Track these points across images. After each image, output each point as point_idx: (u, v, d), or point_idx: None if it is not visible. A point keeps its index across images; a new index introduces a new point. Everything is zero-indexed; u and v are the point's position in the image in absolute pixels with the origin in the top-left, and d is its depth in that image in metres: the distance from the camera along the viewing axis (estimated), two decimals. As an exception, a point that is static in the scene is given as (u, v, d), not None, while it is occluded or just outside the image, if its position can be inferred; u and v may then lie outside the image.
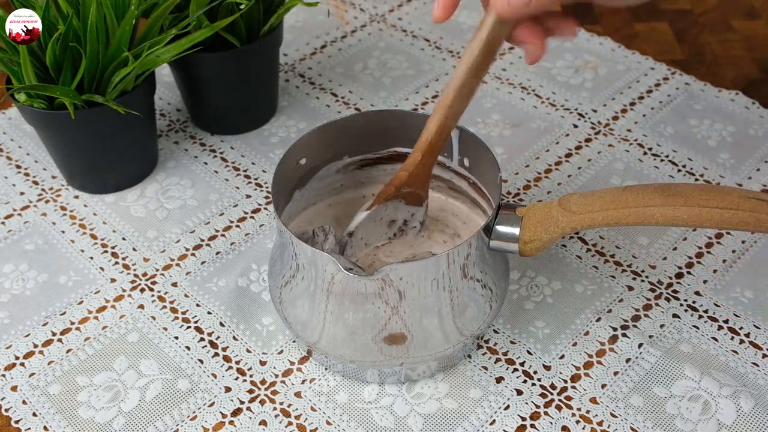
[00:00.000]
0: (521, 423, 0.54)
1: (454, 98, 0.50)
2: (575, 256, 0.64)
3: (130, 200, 0.70)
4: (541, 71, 0.83)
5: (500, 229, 0.51)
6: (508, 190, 0.71)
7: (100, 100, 0.62)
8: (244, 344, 0.59)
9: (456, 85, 0.50)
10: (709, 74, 0.82)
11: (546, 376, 0.57)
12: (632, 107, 0.78)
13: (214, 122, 0.76)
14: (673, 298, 0.61)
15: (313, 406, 0.55)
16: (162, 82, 0.83)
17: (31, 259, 0.65)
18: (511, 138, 0.75)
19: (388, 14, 0.92)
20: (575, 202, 0.49)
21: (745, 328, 0.59)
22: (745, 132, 0.75)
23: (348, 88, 0.82)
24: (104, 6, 0.61)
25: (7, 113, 0.80)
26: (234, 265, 0.65)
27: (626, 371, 0.57)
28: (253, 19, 0.70)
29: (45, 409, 0.55)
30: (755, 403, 0.54)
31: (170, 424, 0.54)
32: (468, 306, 0.53)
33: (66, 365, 0.58)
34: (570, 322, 0.60)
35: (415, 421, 0.54)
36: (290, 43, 0.88)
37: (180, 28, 0.65)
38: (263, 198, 0.70)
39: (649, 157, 0.73)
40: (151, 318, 0.61)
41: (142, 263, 0.65)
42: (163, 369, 0.58)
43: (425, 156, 0.53)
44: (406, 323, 0.51)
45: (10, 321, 0.61)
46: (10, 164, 0.74)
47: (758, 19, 0.90)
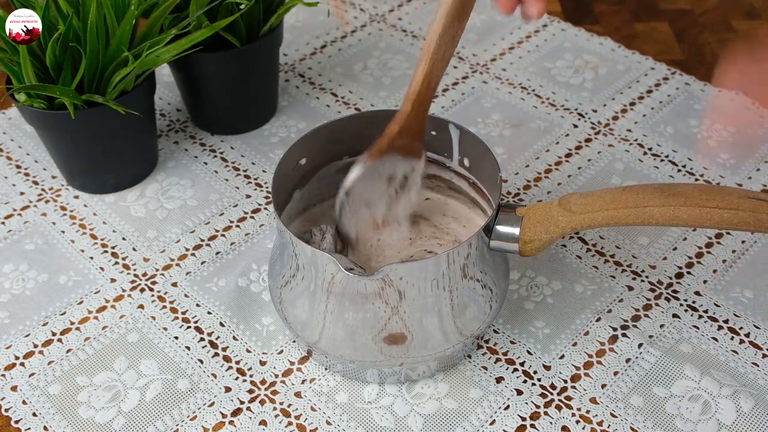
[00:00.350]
0: (521, 423, 0.54)
1: (437, 44, 0.49)
2: (575, 256, 0.64)
3: (130, 200, 0.70)
4: (541, 71, 0.83)
5: (500, 229, 0.51)
6: (508, 190, 0.71)
7: (100, 100, 0.62)
8: (244, 344, 0.59)
9: (438, 31, 0.49)
10: (709, 74, 0.82)
11: (546, 376, 0.57)
12: (632, 107, 0.78)
13: (214, 122, 0.76)
14: (673, 298, 0.61)
15: (313, 406, 0.55)
16: (162, 82, 0.83)
17: (31, 259, 0.65)
18: (511, 138, 0.75)
19: (388, 14, 0.92)
20: (575, 202, 0.49)
21: (745, 328, 0.59)
22: (744, 132, 0.75)
23: (348, 88, 0.82)
24: (104, 6, 0.61)
25: (7, 113, 0.80)
26: (234, 265, 0.65)
27: (626, 371, 0.57)
28: (253, 19, 0.70)
29: (45, 409, 0.55)
30: (755, 403, 0.54)
31: (170, 424, 0.54)
32: (468, 306, 0.53)
33: (66, 365, 0.58)
34: (570, 322, 0.60)
35: (415, 421, 0.54)
36: (290, 43, 0.88)
37: (180, 28, 0.65)
38: (263, 198, 0.70)
39: (649, 157, 0.73)
40: (151, 318, 0.61)
41: (142, 263, 0.65)
42: (163, 369, 0.58)
43: (415, 106, 0.52)
44: (406, 323, 0.51)
45: (10, 321, 0.61)
46: (10, 164, 0.74)
47: (758, 19, 0.90)
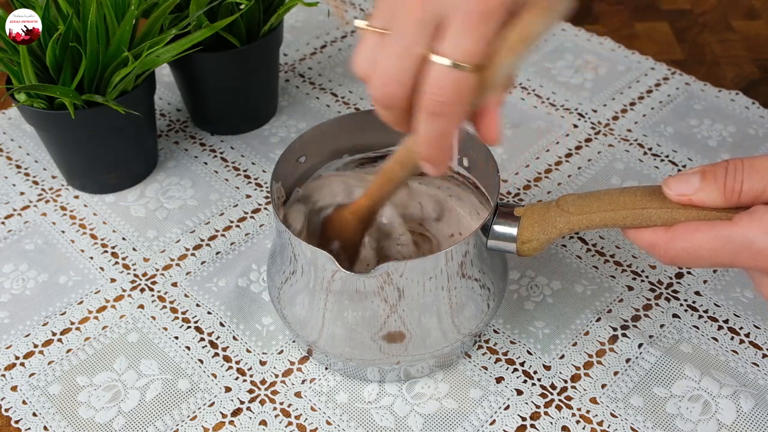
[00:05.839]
0: (521, 423, 0.54)
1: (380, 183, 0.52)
2: (575, 256, 0.64)
3: (130, 200, 0.70)
4: (541, 71, 0.82)
5: (498, 229, 0.51)
6: (508, 190, 0.71)
7: (100, 100, 0.62)
8: (244, 344, 0.59)
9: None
10: (709, 74, 0.82)
11: (546, 376, 0.57)
12: (632, 107, 0.78)
13: (214, 122, 0.76)
14: (673, 298, 0.61)
15: (313, 406, 0.55)
16: (162, 82, 0.83)
17: (31, 259, 0.65)
18: (511, 138, 0.75)
19: (388, 14, 0.91)
20: (573, 203, 0.49)
21: (745, 328, 0.59)
22: (745, 132, 0.75)
23: (348, 88, 0.82)
24: (104, 6, 0.61)
25: (7, 113, 0.80)
26: (234, 265, 0.65)
27: (626, 371, 0.57)
28: (253, 19, 0.70)
29: (45, 409, 0.55)
30: (755, 403, 0.54)
31: (170, 424, 0.54)
32: (466, 305, 0.53)
33: (66, 365, 0.58)
34: (570, 322, 0.60)
35: (415, 421, 0.54)
36: (290, 43, 0.88)
37: (180, 28, 0.65)
38: (263, 198, 0.70)
39: (649, 157, 0.73)
40: (151, 318, 0.61)
41: (142, 263, 0.65)
42: (163, 369, 0.58)
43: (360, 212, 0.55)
44: (405, 321, 0.51)
45: (10, 321, 0.61)
46: (10, 164, 0.74)
47: (758, 19, 0.90)
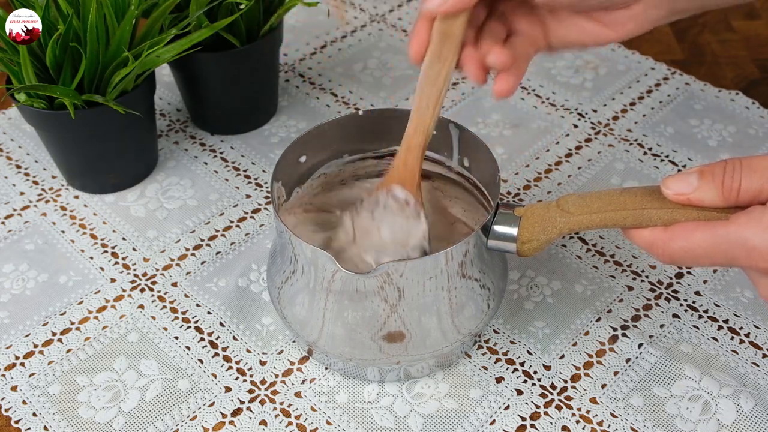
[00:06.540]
0: (521, 423, 0.54)
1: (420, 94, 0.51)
2: (575, 256, 0.64)
3: (130, 200, 0.70)
4: (541, 71, 0.82)
5: (498, 229, 0.51)
6: (508, 190, 0.71)
7: (100, 100, 0.62)
8: (244, 344, 0.59)
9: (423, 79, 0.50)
10: (709, 74, 0.82)
11: (546, 376, 0.57)
12: (632, 107, 0.78)
13: (214, 122, 0.76)
14: (673, 298, 0.61)
15: (313, 406, 0.55)
16: (162, 82, 0.83)
17: (31, 259, 0.65)
18: (511, 138, 0.75)
19: (388, 14, 0.92)
20: (573, 203, 0.49)
21: (745, 328, 0.59)
22: (745, 132, 0.75)
23: (348, 88, 0.82)
24: (104, 6, 0.61)
25: (7, 113, 0.80)
26: (234, 265, 0.65)
27: (626, 371, 0.57)
28: (253, 19, 0.70)
29: (45, 409, 0.55)
30: (755, 403, 0.54)
31: (170, 424, 0.54)
32: (466, 305, 0.53)
33: (66, 365, 0.58)
34: (570, 322, 0.60)
35: (415, 421, 0.54)
36: (290, 43, 0.88)
37: (180, 28, 0.65)
38: (263, 198, 0.70)
39: (649, 157, 0.73)
40: (151, 318, 0.61)
41: (142, 263, 0.65)
42: (163, 369, 0.58)
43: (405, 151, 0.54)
44: (405, 321, 0.51)
45: (10, 321, 0.61)
46: (10, 164, 0.74)
47: (758, 19, 0.90)
